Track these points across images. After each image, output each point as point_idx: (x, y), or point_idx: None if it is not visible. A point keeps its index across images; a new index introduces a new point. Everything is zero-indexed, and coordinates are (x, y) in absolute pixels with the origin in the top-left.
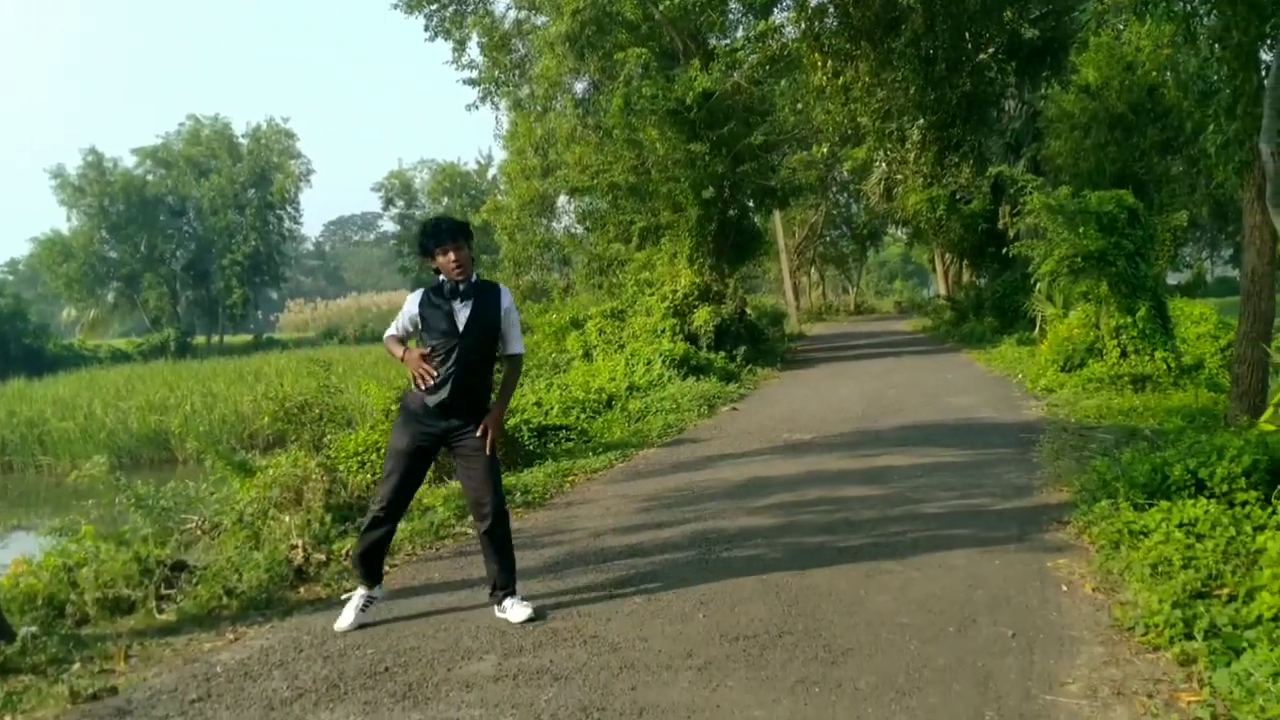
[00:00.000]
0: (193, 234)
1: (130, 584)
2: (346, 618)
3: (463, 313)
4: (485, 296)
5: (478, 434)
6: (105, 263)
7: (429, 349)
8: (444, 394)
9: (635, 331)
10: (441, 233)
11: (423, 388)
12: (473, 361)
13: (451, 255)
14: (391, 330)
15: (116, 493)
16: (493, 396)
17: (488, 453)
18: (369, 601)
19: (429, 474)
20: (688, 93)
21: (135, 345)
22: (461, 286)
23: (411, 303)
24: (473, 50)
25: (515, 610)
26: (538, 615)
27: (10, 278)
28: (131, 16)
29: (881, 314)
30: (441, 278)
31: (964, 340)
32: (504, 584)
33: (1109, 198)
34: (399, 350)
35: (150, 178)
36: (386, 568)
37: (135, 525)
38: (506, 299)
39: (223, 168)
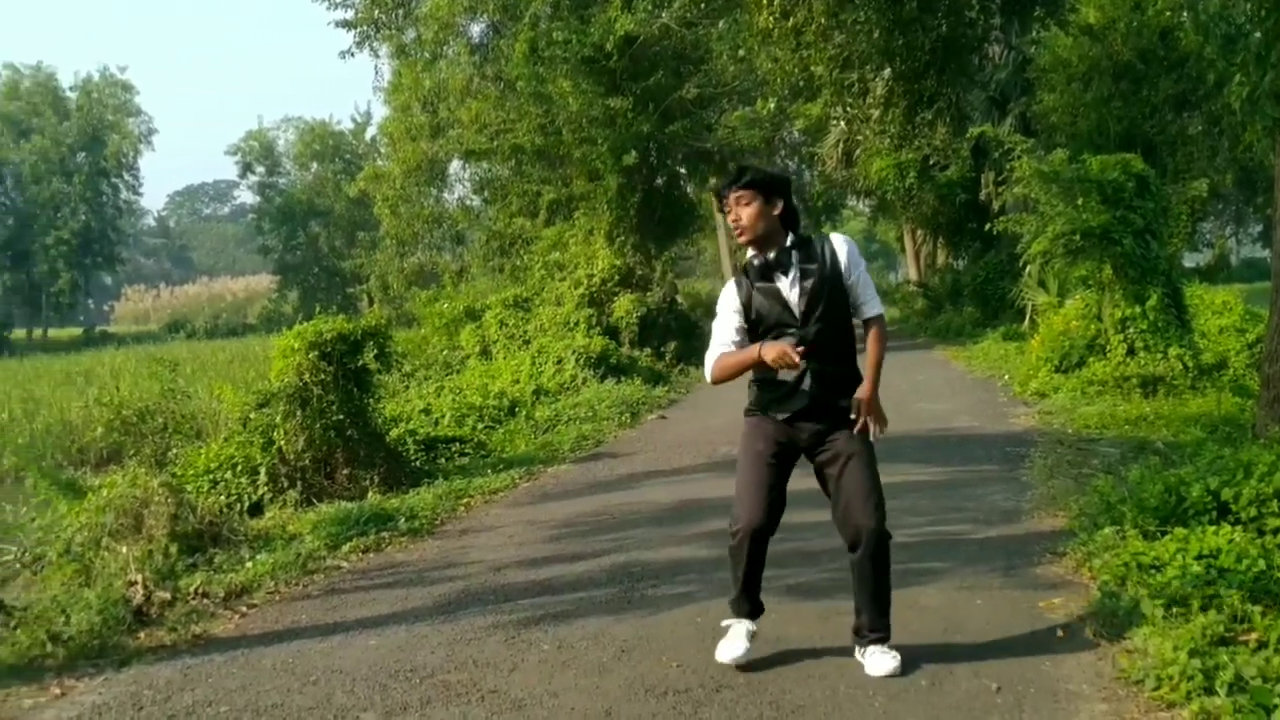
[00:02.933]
0: (10, 207)
1: None
2: (736, 648)
3: (792, 290)
4: (812, 254)
5: (852, 416)
6: None
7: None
8: (802, 400)
9: (543, 324)
10: (726, 182)
11: (788, 379)
12: (827, 346)
13: (732, 211)
14: (712, 353)
15: None
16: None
17: (870, 435)
18: (753, 635)
19: (296, 494)
20: (607, 37)
21: None
22: (772, 256)
23: (729, 297)
24: None
25: (877, 660)
26: (902, 670)
27: None
28: None
29: None
30: (751, 254)
31: (939, 334)
32: (876, 626)
33: (1113, 163)
34: (737, 360)
35: None
36: (243, 608)
37: None
38: (846, 247)
39: (47, 127)
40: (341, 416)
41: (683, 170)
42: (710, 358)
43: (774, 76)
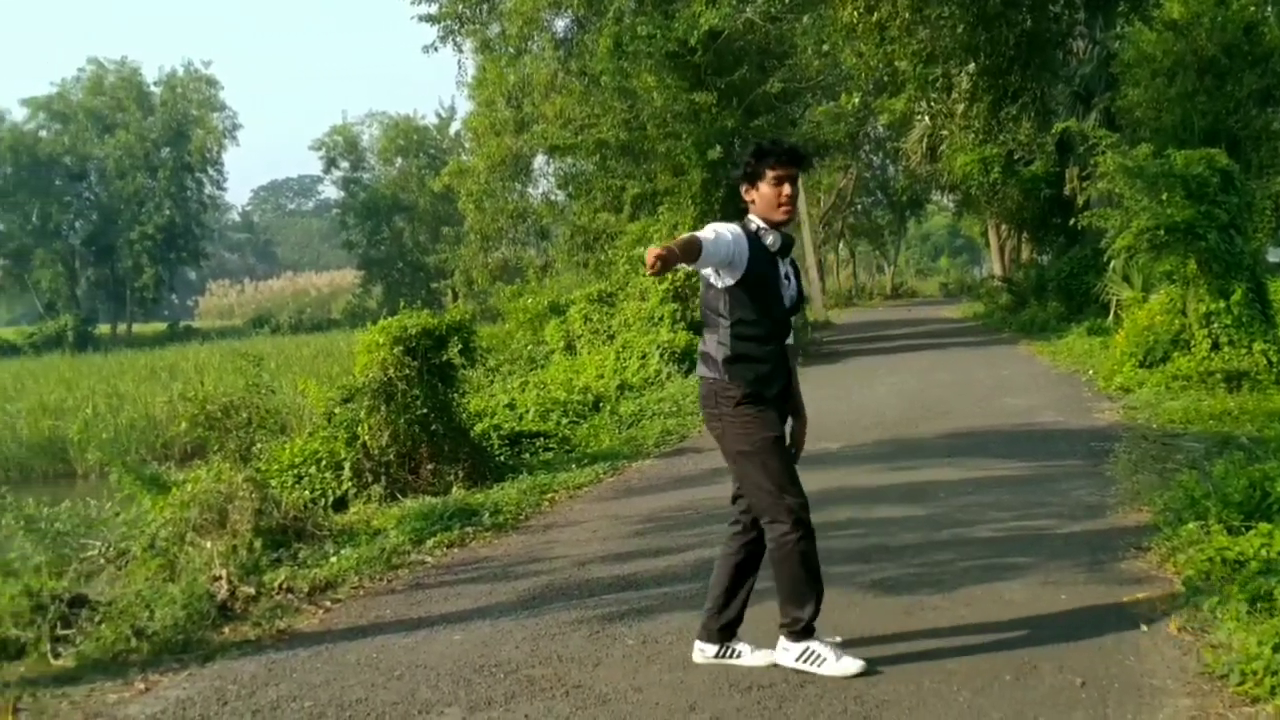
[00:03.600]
0: (95, 202)
1: (19, 623)
2: (855, 664)
3: (786, 280)
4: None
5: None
6: None
7: (740, 321)
8: (782, 378)
9: (627, 319)
10: (783, 152)
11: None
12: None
13: (787, 186)
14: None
15: (1, 513)
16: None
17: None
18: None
19: (380, 489)
20: (691, 32)
21: (25, 335)
22: (785, 242)
23: (739, 233)
24: None
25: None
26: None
27: None
28: None
29: (924, 298)
30: (752, 221)
31: (1023, 329)
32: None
33: (1198, 158)
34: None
35: (43, 134)
36: (328, 603)
37: (24, 552)
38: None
39: (131, 122)
40: (426, 411)
41: None
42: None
43: (858, 71)
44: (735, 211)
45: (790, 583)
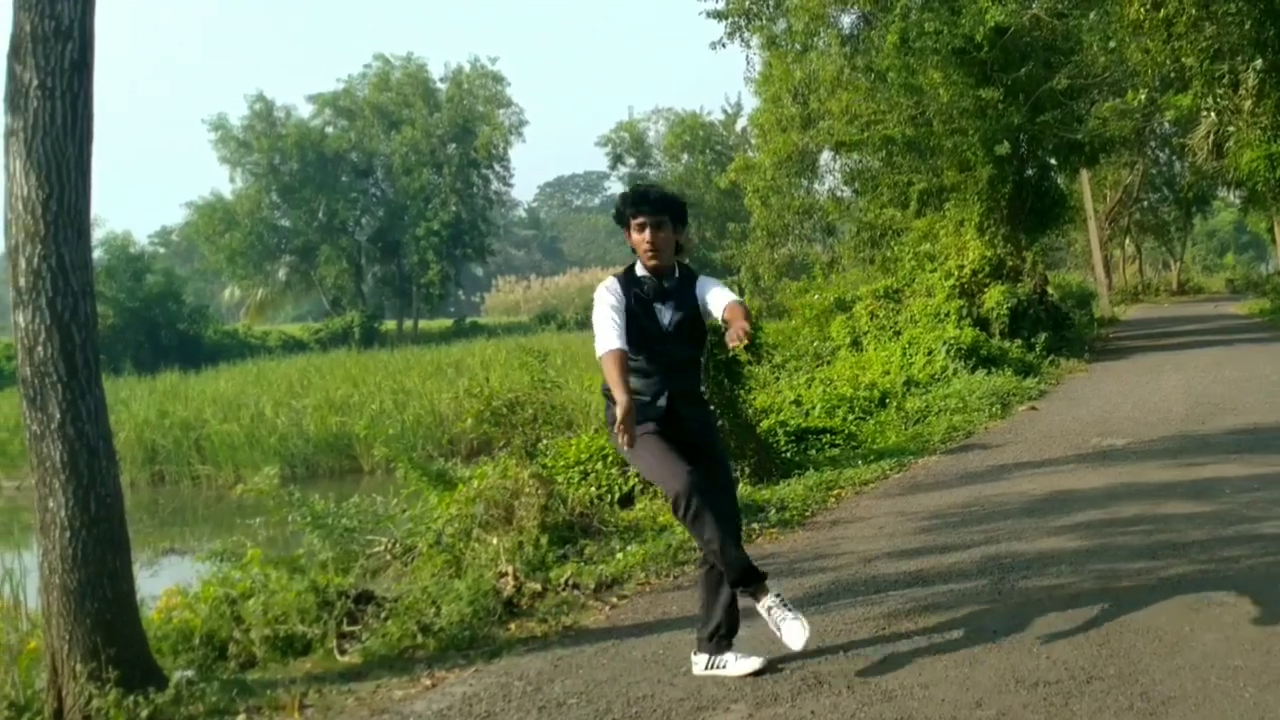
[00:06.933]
0: (381, 198)
1: (306, 619)
2: (799, 632)
3: (666, 315)
4: (689, 287)
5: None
6: (276, 232)
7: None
8: (657, 413)
9: (914, 315)
10: (638, 199)
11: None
12: (681, 369)
13: (648, 232)
14: (608, 337)
15: (289, 509)
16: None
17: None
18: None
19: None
20: (977, 28)
21: (311, 332)
22: (666, 284)
23: (613, 296)
24: None
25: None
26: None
27: (162, 250)
28: None
29: (1210, 294)
30: (638, 269)
31: None
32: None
33: None
34: (620, 373)
35: (330, 130)
36: (614, 600)
37: (312, 548)
38: (709, 286)
39: (417, 118)
40: (712, 407)
41: (1053, 161)
42: (609, 342)
43: (1144, 67)
44: (1021, 209)
45: None
